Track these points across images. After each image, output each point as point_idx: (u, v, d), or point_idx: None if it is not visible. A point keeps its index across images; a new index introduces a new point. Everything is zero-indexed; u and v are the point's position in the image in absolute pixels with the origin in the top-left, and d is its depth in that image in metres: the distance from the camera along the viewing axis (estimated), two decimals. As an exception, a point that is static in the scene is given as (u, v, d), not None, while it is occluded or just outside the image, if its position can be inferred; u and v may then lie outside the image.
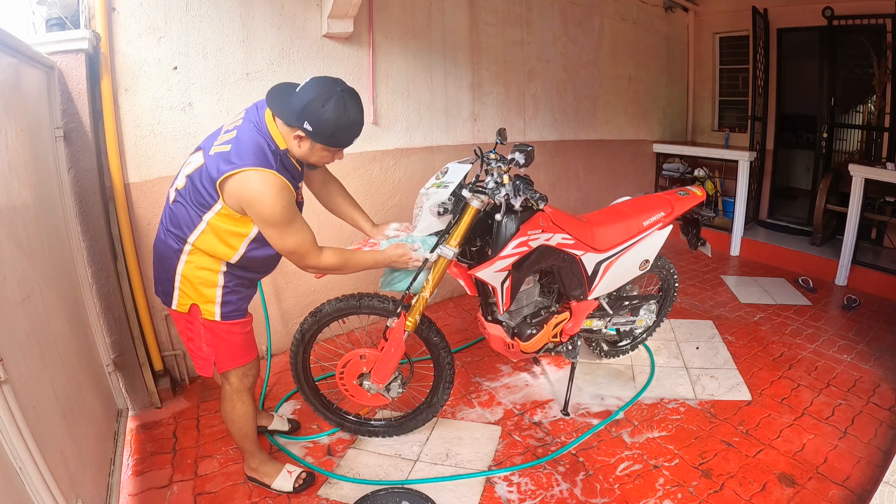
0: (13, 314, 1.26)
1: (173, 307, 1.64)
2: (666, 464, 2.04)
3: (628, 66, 4.84)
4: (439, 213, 1.87)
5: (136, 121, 2.34)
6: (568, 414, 2.36)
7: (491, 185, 1.84)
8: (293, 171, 1.58)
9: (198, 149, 1.61)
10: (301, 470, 1.96)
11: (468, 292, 2.04)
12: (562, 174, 4.39)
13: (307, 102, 1.41)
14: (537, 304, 2.28)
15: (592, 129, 4.62)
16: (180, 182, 1.58)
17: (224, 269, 1.60)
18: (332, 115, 1.41)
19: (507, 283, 1.97)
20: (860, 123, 4.60)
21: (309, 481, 1.93)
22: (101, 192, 2.19)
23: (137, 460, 2.07)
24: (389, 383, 2.02)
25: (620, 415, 2.36)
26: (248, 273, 1.67)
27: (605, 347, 2.76)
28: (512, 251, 1.90)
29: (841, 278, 3.94)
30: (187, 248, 1.56)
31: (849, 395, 2.48)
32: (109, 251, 2.24)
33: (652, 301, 2.65)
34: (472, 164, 1.97)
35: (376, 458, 2.10)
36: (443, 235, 1.85)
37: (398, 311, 1.92)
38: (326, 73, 2.86)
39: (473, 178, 1.93)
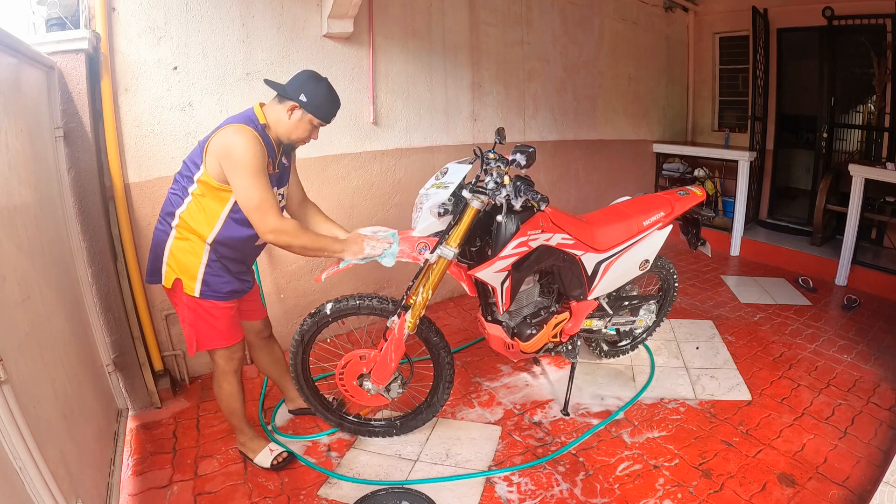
0: (13, 314, 1.26)
1: (161, 283, 1.76)
2: (666, 464, 2.04)
3: (628, 66, 4.84)
4: (439, 214, 1.87)
5: (136, 121, 2.34)
6: (568, 414, 2.36)
7: (491, 185, 1.84)
8: (269, 144, 1.72)
9: None
10: (282, 451, 2.04)
11: (468, 292, 2.04)
12: (562, 174, 4.39)
13: (303, 81, 1.71)
14: (537, 304, 2.28)
15: (592, 129, 4.62)
16: (178, 168, 1.74)
17: (209, 245, 1.71)
18: (323, 92, 1.73)
19: (507, 283, 1.97)
20: (860, 123, 4.60)
21: (287, 461, 2.03)
22: (101, 192, 2.19)
23: (137, 460, 2.07)
24: (389, 384, 2.02)
25: (620, 415, 2.36)
26: (230, 252, 1.76)
27: (605, 347, 2.76)
28: (512, 251, 1.90)
29: (841, 278, 3.94)
30: (174, 222, 1.71)
31: (849, 395, 2.48)
32: (109, 251, 2.24)
33: (652, 301, 2.65)
34: (472, 164, 1.97)
35: (376, 458, 2.10)
36: (443, 236, 1.85)
37: (398, 311, 1.92)
38: (327, 73, 2.84)
39: (473, 179, 1.93)
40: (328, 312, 1.98)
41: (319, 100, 1.71)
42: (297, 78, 1.73)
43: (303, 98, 1.69)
